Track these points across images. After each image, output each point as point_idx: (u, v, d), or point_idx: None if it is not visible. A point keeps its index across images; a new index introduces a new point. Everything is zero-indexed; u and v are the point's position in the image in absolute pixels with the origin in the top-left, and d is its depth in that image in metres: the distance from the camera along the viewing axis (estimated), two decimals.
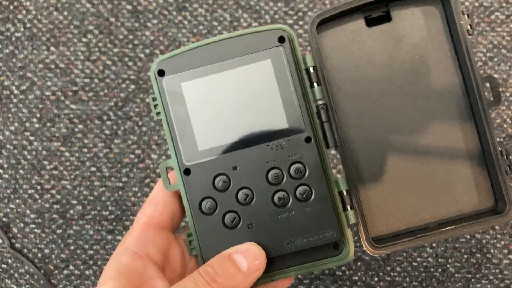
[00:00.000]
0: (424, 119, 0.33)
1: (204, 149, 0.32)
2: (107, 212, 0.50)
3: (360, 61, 0.34)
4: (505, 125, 0.51)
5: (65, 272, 0.49)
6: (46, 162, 0.50)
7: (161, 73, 0.32)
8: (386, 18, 0.34)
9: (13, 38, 0.51)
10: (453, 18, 0.32)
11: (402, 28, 0.34)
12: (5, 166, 0.50)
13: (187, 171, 0.32)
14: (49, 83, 0.51)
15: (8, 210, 0.50)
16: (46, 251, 0.49)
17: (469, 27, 0.32)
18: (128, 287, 0.30)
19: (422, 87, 0.33)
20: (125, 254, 0.31)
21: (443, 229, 0.32)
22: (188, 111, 0.32)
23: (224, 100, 0.32)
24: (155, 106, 0.32)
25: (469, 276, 0.50)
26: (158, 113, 0.32)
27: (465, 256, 0.50)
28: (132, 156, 0.50)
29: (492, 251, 0.50)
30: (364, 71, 0.34)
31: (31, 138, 0.50)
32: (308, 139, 0.32)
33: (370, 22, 0.34)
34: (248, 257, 0.30)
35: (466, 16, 0.32)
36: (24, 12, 0.51)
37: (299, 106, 0.32)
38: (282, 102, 0.32)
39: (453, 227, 0.32)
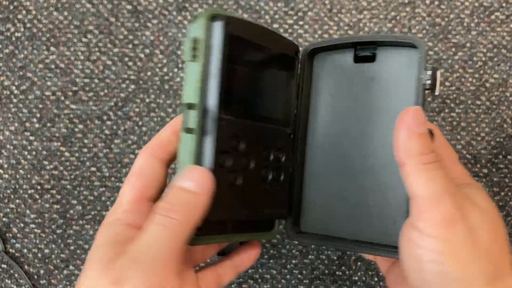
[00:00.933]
0: (379, 154, 0.36)
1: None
2: (107, 212, 0.50)
3: (338, 91, 0.38)
4: (505, 125, 0.51)
5: (65, 272, 0.49)
6: (46, 162, 0.50)
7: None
8: (372, 58, 0.37)
9: (13, 38, 0.51)
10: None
11: (382, 70, 0.36)
12: (5, 166, 0.50)
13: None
14: (49, 83, 0.51)
15: (8, 210, 0.50)
16: (46, 251, 0.49)
17: (428, 82, 0.33)
18: (115, 249, 0.30)
19: (380, 126, 0.36)
20: (117, 225, 0.32)
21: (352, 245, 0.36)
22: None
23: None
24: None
25: None
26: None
27: None
28: (132, 156, 0.50)
29: None
30: (338, 100, 0.38)
31: (31, 138, 0.50)
32: (289, 135, 0.37)
33: (358, 59, 0.37)
34: (193, 178, 0.30)
35: (428, 72, 0.33)
36: (24, 12, 0.51)
37: (293, 107, 0.38)
38: (291, 100, 0.37)
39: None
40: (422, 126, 0.30)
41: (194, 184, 0.30)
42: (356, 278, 0.50)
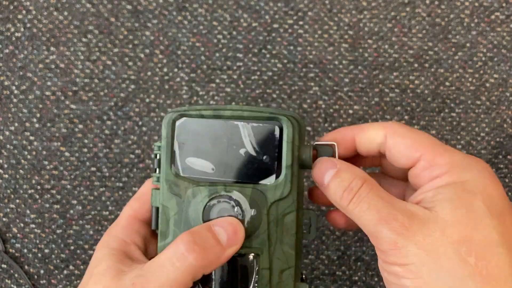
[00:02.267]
0: None
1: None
2: (107, 212, 0.50)
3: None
4: (505, 125, 0.51)
5: (65, 272, 0.49)
6: (46, 162, 0.50)
7: None
8: None
9: (13, 38, 0.51)
10: None
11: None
12: (5, 166, 0.50)
13: None
14: (49, 83, 0.51)
15: (8, 210, 0.50)
16: (46, 251, 0.49)
17: None
18: (119, 265, 0.31)
19: None
20: (113, 240, 0.34)
21: None
22: None
23: None
24: None
25: None
26: None
27: None
28: (132, 156, 0.50)
29: None
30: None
31: (31, 138, 0.50)
32: None
33: None
34: (228, 230, 0.30)
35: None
36: (24, 12, 0.51)
37: None
38: None
39: None
40: (325, 175, 0.31)
41: (227, 237, 0.29)
42: (356, 278, 0.50)
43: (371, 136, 0.34)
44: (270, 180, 0.29)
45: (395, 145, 0.33)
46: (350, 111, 0.51)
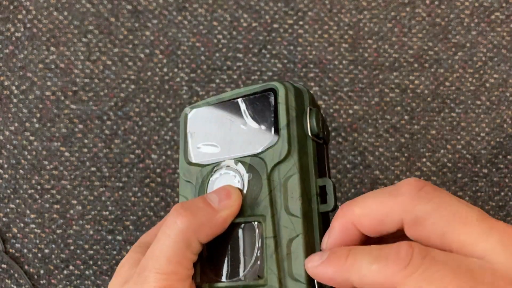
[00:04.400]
0: None
1: None
2: (107, 212, 0.50)
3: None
4: (505, 125, 0.51)
5: (65, 272, 0.49)
6: (46, 162, 0.50)
7: None
8: None
9: (13, 38, 0.51)
10: None
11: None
12: (5, 166, 0.50)
13: None
14: (49, 83, 0.51)
15: (8, 210, 0.50)
16: (46, 251, 0.49)
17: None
18: (139, 255, 0.31)
19: None
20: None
21: None
22: None
23: None
24: None
25: None
26: None
27: None
28: (132, 156, 0.50)
29: None
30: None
31: (31, 138, 0.50)
32: None
33: None
34: (220, 194, 0.29)
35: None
36: (24, 12, 0.51)
37: None
38: None
39: None
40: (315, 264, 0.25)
41: (217, 198, 0.29)
42: None
43: (379, 224, 0.26)
44: (270, 144, 0.27)
45: (416, 232, 0.25)
46: (350, 111, 0.51)
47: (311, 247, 0.26)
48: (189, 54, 0.51)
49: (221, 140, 0.29)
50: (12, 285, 0.49)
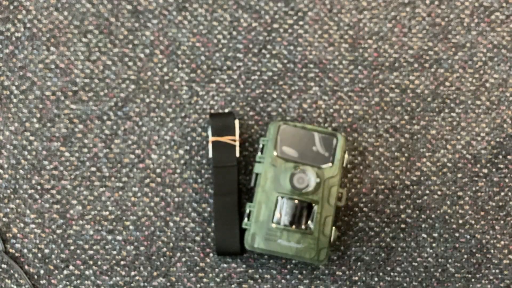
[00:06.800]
0: None
1: None
2: (107, 212, 0.50)
3: None
4: (505, 125, 0.51)
5: (65, 272, 0.49)
6: (46, 162, 0.50)
7: None
8: None
9: (13, 38, 0.51)
10: None
11: None
12: (5, 166, 0.50)
13: None
14: (49, 83, 0.51)
15: (8, 210, 0.50)
16: (46, 251, 0.49)
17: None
18: None
19: None
20: None
21: None
22: None
23: None
24: None
25: (469, 276, 0.50)
26: None
27: (465, 256, 0.50)
28: (132, 156, 0.50)
29: (492, 251, 0.50)
30: None
31: (31, 138, 0.50)
32: None
33: None
34: None
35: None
36: (24, 12, 0.51)
37: None
38: None
39: None
40: None
41: None
42: (356, 278, 0.50)
43: None
44: (328, 166, 0.48)
45: None
46: (350, 111, 0.51)
47: (332, 222, 0.48)
48: (189, 54, 0.51)
49: (299, 150, 0.48)
50: (12, 285, 0.49)
